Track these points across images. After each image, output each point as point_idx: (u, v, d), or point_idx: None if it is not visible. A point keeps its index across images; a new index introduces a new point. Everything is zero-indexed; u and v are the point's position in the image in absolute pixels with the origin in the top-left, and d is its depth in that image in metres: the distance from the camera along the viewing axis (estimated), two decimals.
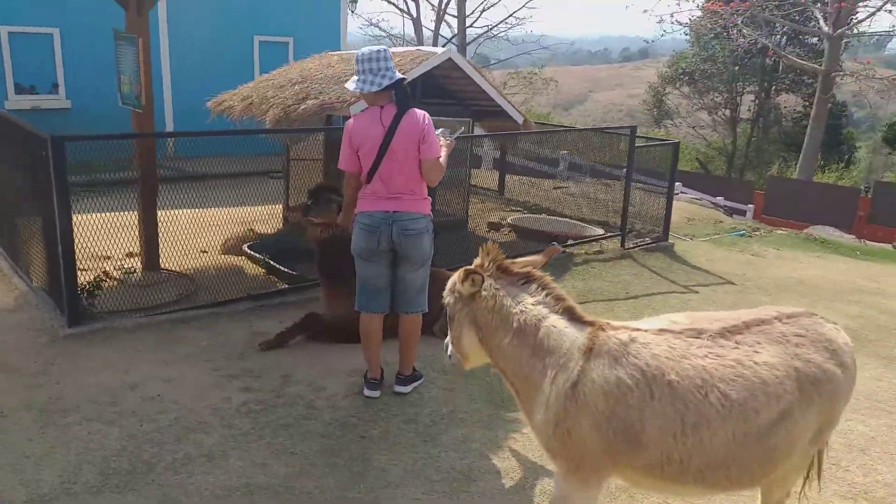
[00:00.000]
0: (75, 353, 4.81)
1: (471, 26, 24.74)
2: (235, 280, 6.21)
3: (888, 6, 18.35)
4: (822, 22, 20.84)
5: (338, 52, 9.01)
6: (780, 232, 12.47)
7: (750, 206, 20.86)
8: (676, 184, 11.80)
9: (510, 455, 3.86)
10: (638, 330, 2.58)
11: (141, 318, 5.35)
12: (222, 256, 7.14)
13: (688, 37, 27.87)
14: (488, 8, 24.78)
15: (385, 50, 4.08)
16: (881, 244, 14.68)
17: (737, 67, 25.89)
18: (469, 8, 25.08)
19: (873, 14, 19.06)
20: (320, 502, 3.35)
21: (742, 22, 21.28)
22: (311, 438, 3.90)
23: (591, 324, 2.60)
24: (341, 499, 3.38)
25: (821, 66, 20.87)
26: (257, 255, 6.76)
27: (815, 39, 25.49)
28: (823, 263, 10.16)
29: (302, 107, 6.97)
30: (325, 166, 8.57)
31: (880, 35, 19.68)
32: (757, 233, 12.08)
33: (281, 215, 8.52)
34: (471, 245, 7.18)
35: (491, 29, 25.89)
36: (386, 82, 4.02)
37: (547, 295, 2.67)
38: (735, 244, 10.68)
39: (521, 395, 2.70)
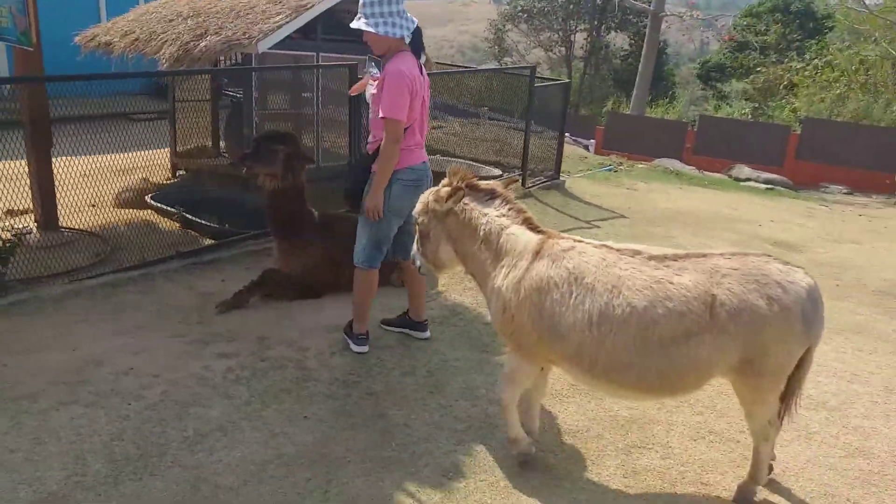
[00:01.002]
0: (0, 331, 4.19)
1: None
2: (152, 237, 5.68)
3: None
4: None
5: None
6: (640, 166, 13.45)
7: (591, 141, 22.19)
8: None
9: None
10: (581, 241, 2.99)
11: (66, 284, 4.75)
12: (120, 210, 6.47)
13: None
14: None
15: None
16: (716, 173, 16.30)
17: (571, 6, 26.95)
18: None
19: None
20: (360, 466, 3.24)
21: None
22: (318, 401, 3.73)
23: (543, 233, 3.06)
24: (378, 459, 3.30)
25: (650, 5, 22.24)
26: (170, 209, 6.18)
27: None
28: (686, 194, 11.13)
29: (203, 43, 6.34)
30: (213, 107, 7.97)
31: None
32: (621, 167, 12.92)
33: (169, 162, 7.85)
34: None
35: None
36: (412, 26, 3.79)
37: (510, 209, 3.13)
38: (608, 179, 11.38)
39: (484, 289, 3.19)
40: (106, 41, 6.94)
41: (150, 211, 6.39)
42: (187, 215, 6.03)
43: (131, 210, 6.44)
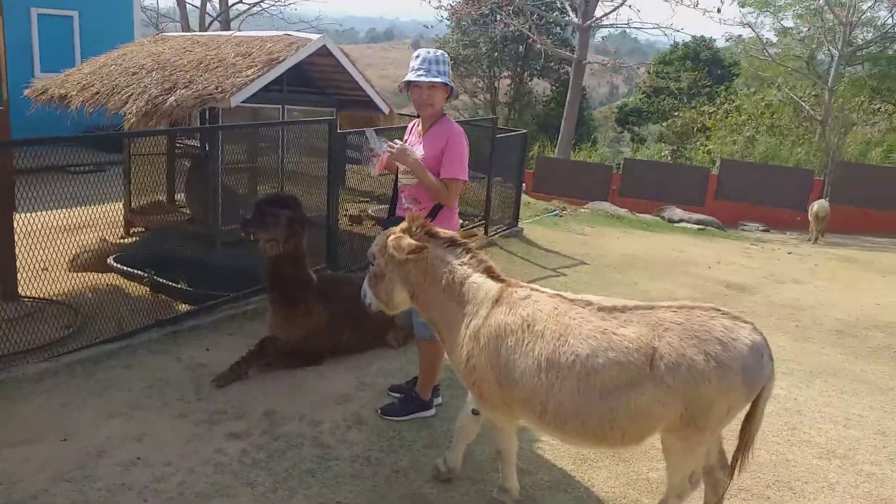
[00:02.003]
0: None
1: (238, 2, 23.19)
2: (124, 304, 5.31)
3: (629, 2, 20.85)
4: (571, 14, 23.04)
5: (190, 35, 7.99)
6: (583, 210, 13.77)
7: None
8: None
9: (550, 452, 3.85)
10: (537, 290, 3.07)
11: (42, 361, 4.35)
12: (78, 274, 6.02)
13: (448, 22, 29.08)
14: None
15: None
16: (648, 215, 16.89)
17: (496, 53, 27.69)
18: None
19: (616, 9, 21.49)
20: None
21: (503, 11, 22.72)
22: (345, 483, 3.52)
23: (503, 281, 3.13)
24: None
25: (573, 53, 23.09)
26: (138, 272, 5.81)
27: (558, 29, 28.10)
28: (632, 238, 11.46)
29: (172, 98, 6.09)
30: (170, 161, 7.65)
31: (620, 27, 22.14)
32: (565, 212, 13.20)
33: (122, 219, 7.45)
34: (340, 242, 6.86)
35: (253, 6, 24.53)
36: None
37: (471, 258, 3.18)
38: (557, 224, 11.58)
39: (446, 338, 3.22)
40: (61, 94, 6.57)
41: (112, 274, 5.98)
42: (160, 279, 5.68)
43: (91, 274, 6.00)
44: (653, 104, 27.61)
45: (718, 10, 19.34)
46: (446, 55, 3.84)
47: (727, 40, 27.65)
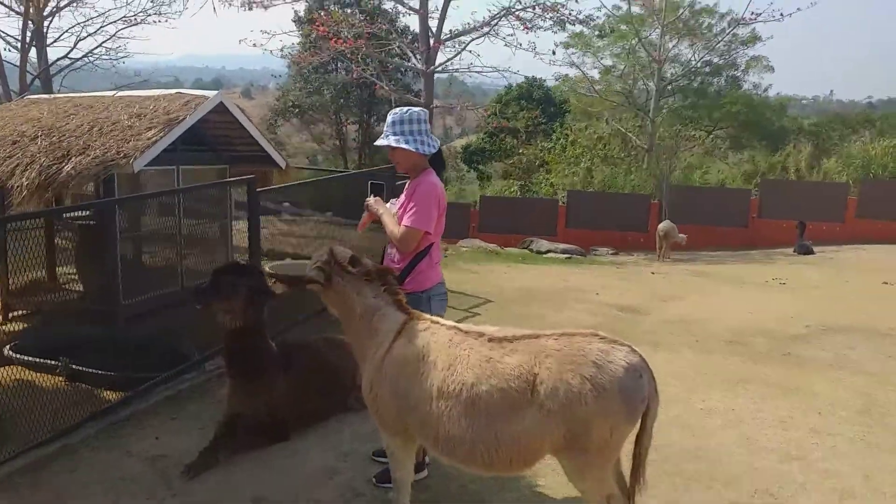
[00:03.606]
0: None
1: (64, 57, 21.52)
2: (40, 399, 4.70)
3: (468, 48, 21.71)
4: (415, 60, 23.69)
5: (66, 96, 7.31)
6: (463, 248, 14.06)
7: None
8: None
9: (564, 493, 3.87)
10: (437, 323, 3.26)
11: None
12: None
13: (289, 69, 28.86)
14: (84, 38, 21.76)
15: (425, 112, 3.79)
16: (514, 248, 17.58)
17: (341, 100, 27.76)
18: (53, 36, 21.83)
19: (458, 54, 22.35)
20: None
21: (345, 58, 22.92)
22: None
23: (408, 314, 3.32)
24: None
25: (420, 99, 23.70)
26: (48, 361, 5.17)
27: (399, 74, 28.73)
28: (518, 272, 11.87)
29: (68, 167, 5.56)
30: (49, 235, 6.96)
31: (462, 71, 23.01)
32: (448, 251, 13.41)
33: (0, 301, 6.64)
34: None
35: (78, 60, 22.91)
36: (436, 145, 3.71)
37: (385, 290, 3.37)
38: (446, 264, 11.71)
39: (360, 364, 3.43)
40: None
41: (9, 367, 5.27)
42: (77, 367, 5.10)
43: None
44: (495, 143, 28.95)
45: (553, 53, 20.69)
46: (419, 113, 3.83)
47: (556, 80, 29.72)
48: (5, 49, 21.27)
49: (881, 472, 4.36)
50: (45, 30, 21.18)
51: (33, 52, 21.11)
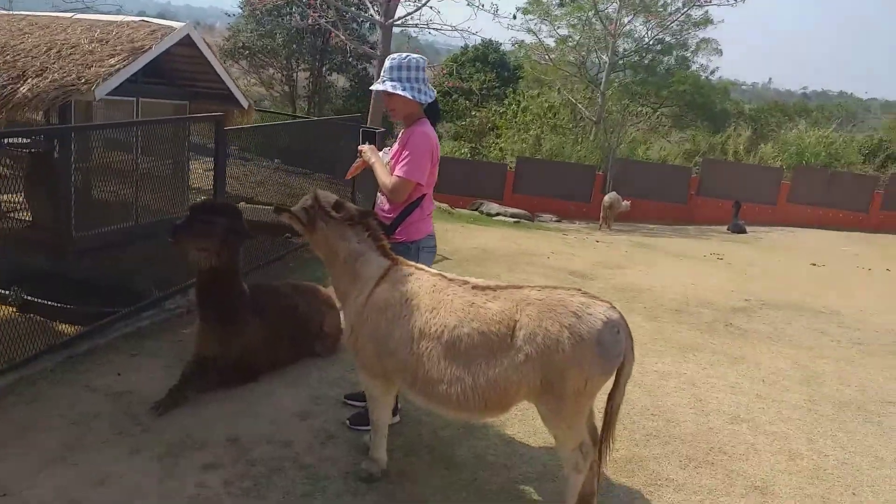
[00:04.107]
0: None
1: None
2: None
3: (430, 3, 21.45)
4: (373, 11, 23.16)
5: (21, 14, 6.82)
6: None
7: None
8: None
9: (524, 448, 3.97)
10: (421, 269, 3.34)
11: None
12: None
13: (241, 9, 27.81)
14: None
15: (424, 59, 3.70)
16: (465, 209, 17.63)
17: (294, 45, 26.96)
18: None
19: (419, 9, 21.96)
20: None
21: (301, 3, 22.24)
22: (349, 501, 3.36)
23: (392, 260, 3.37)
24: None
25: (377, 51, 23.24)
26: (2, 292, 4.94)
27: (355, 25, 28.06)
28: (472, 232, 11.93)
29: (24, 88, 5.26)
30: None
31: (421, 27, 22.65)
32: None
33: None
34: None
35: None
36: (433, 94, 3.64)
37: (368, 236, 3.39)
38: None
39: (343, 307, 3.46)
40: None
41: None
42: (30, 297, 4.89)
43: None
44: (447, 104, 28.73)
45: (514, 17, 20.61)
46: (419, 60, 3.74)
47: (513, 45, 29.60)
48: None
49: (823, 436, 4.64)
50: None
51: None
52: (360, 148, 3.88)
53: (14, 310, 4.92)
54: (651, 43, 29.26)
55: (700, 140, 28.78)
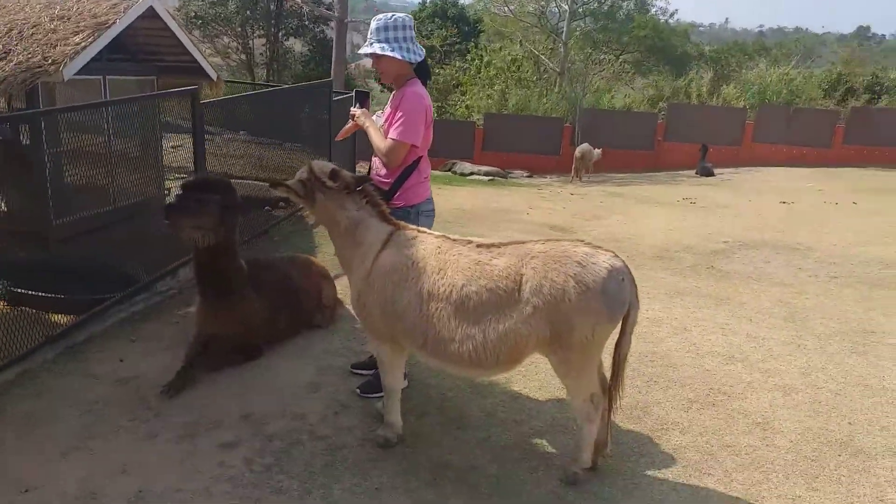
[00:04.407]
0: None
1: None
2: None
3: None
4: None
5: None
6: None
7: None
8: None
9: (532, 403, 4.05)
10: (424, 232, 3.35)
11: None
12: None
13: None
14: None
15: (410, 18, 3.63)
16: (433, 170, 17.54)
17: (248, 12, 26.26)
18: None
19: None
20: None
21: None
22: (370, 467, 3.40)
23: (393, 224, 3.38)
24: None
25: (334, 12, 22.77)
26: None
27: None
28: (449, 191, 11.93)
29: None
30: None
31: None
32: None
33: None
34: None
35: None
36: (422, 53, 3.58)
37: (367, 203, 3.39)
38: None
39: (348, 275, 3.49)
40: None
41: None
42: (20, 290, 4.80)
43: None
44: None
45: None
46: (405, 18, 3.68)
47: None
48: None
49: (814, 370, 4.80)
50: None
51: None
52: (352, 111, 3.82)
53: (3, 303, 4.82)
54: None
55: (663, 85, 28.87)
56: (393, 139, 3.61)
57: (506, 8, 28.81)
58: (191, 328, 4.57)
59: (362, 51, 3.72)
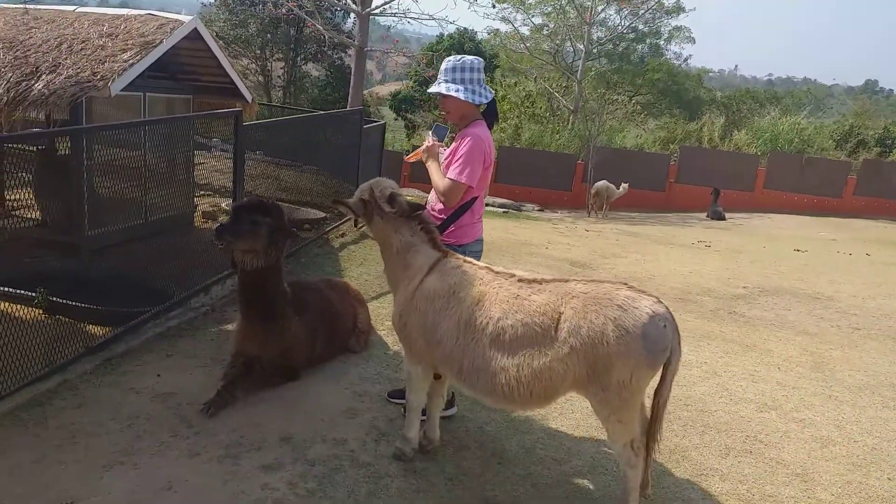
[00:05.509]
0: None
1: None
2: (25, 333, 4.41)
3: None
4: (350, 1, 22.93)
5: (18, 6, 6.63)
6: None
7: None
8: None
9: (576, 434, 4.03)
10: (468, 262, 3.42)
11: None
12: None
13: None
14: None
15: (480, 61, 3.71)
16: None
17: (268, 35, 26.62)
18: None
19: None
20: None
21: None
22: (414, 497, 3.38)
23: (442, 252, 3.47)
24: None
25: (354, 40, 23.03)
26: (24, 293, 4.83)
27: (329, 13, 27.78)
28: None
29: (39, 85, 5.13)
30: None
31: (399, 16, 22.53)
32: None
33: None
34: (202, 245, 6.31)
35: None
36: (490, 95, 3.64)
37: (421, 228, 3.50)
38: None
39: (393, 294, 3.60)
40: None
41: None
42: (58, 299, 4.79)
43: None
44: (425, 93, 28.60)
45: (494, 6, 20.57)
46: (474, 61, 3.74)
47: (488, 34, 29.56)
48: None
49: (848, 422, 4.78)
50: None
51: None
52: (427, 142, 3.89)
53: (41, 312, 4.82)
54: (625, 31, 29.47)
55: (675, 127, 29.12)
56: (451, 179, 3.66)
57: (521, 45, 29.16)
58: (226, 346, 4.57)
59: (431, 90, 3.81)
